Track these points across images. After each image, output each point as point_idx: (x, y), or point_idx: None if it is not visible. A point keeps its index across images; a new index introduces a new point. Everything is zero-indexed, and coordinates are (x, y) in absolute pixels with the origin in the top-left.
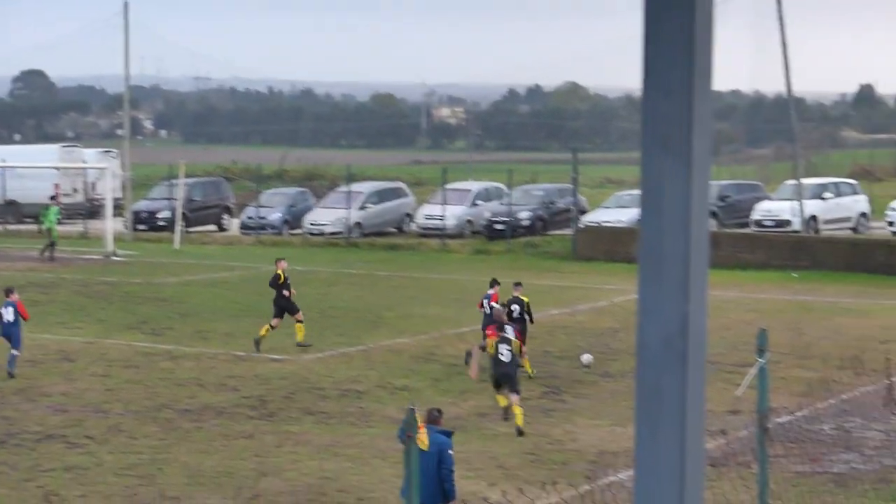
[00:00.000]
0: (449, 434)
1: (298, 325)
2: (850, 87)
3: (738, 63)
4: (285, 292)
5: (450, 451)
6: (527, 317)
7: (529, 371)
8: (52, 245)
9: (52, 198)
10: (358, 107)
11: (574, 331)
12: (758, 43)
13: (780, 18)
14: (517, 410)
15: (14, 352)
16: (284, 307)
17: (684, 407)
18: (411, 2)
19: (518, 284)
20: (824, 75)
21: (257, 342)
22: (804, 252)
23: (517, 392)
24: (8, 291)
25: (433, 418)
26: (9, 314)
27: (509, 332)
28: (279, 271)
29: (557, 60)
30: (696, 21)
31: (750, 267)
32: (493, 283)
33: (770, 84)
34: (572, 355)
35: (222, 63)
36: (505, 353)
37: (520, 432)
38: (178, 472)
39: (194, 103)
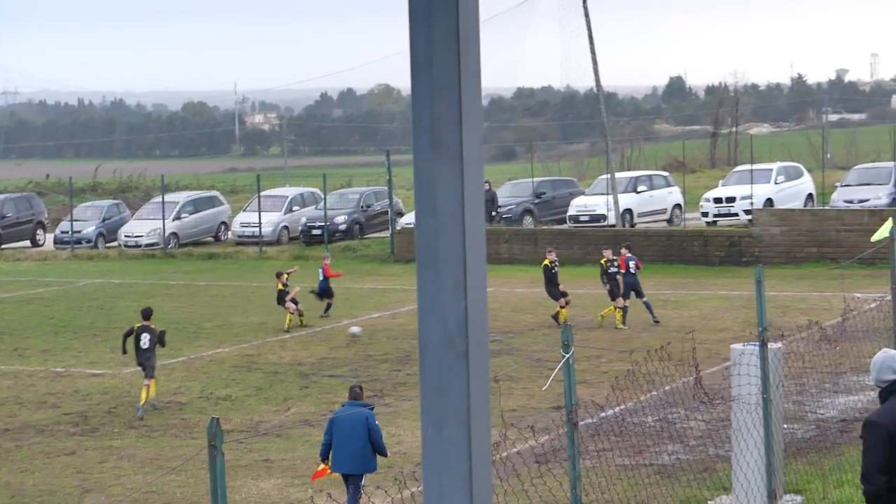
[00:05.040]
0: (371, 407)
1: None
2: (661, 80)
3: (550, 59)
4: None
5: (374, 422)
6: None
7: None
8: None
9: None
10: (170, 116)
11: (396, 333)
12: (567, 38)
13: (586, 14)
14: None
15: None
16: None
17: (468, 405)
18: (217, 9)
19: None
20: (635, 69)
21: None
22: (621, 246)
23: None
24: None
25: (355, 395)
26: None
27: None
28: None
29: (369, 62)
30: (461, 21)
31: (567, 262)
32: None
33: (581, 80)
34: (394, 358)
35: (31, 76)
36: None
37: None
38: (0, 493)
39: (4, 118)
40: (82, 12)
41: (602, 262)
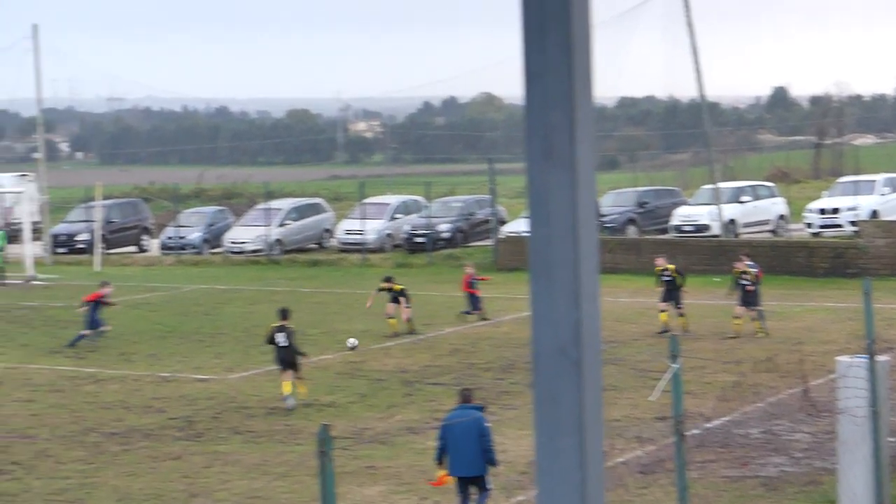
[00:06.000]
0: (481, 409)
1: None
2: (765, 90)
3: (652, 69)
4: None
5: (485, 425)
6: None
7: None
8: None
9: None
10: (274, 123)
11: (499, 342)
12: (670, 49)
13: (690, 23)
14: None
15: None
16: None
17: (581, 414)
18: (323, 16)
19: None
20: (739, 79)
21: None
22: (725, 256)
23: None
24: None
25: (465, 397)
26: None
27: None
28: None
29: (472, 71)
30: (574, 31)
31: None
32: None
33: (684, 89)
34: (497, 366)
35: (136, 83)
36: None
37: None
38: (107, 496)
39: (110, 124)
40: (187, 20)
41: (735, 272)
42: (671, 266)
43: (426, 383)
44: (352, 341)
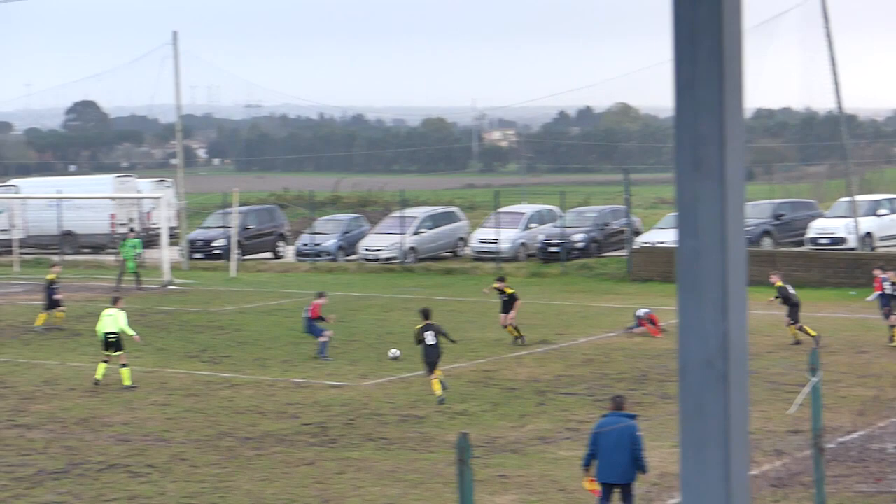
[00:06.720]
0: (633, 417)
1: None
2: None
3: (789, 80)
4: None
5: (638, 433)
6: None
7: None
8: (134, 276)
9: (131, 230)
10: (409, 132)
11: (632, 353)
12: (807, 60)
13: (828, 35)
14: None
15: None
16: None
17: (728, 426)
18: (458, 26)
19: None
20: (877, 91)
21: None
22: (861, 269)
23: None
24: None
25: (618, 404)
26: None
27: None
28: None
29: (607, 81)
30: (726, 41)
31: (807, 285)
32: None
33: (821, 101)
34: (630, 377)
35: (273, 90)
36: None
37: None
38: (241, 501)
39: (247, 131)
40: (325, 28)
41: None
42: (779, 284)
43: (559, 393)
44: (394, 352)
